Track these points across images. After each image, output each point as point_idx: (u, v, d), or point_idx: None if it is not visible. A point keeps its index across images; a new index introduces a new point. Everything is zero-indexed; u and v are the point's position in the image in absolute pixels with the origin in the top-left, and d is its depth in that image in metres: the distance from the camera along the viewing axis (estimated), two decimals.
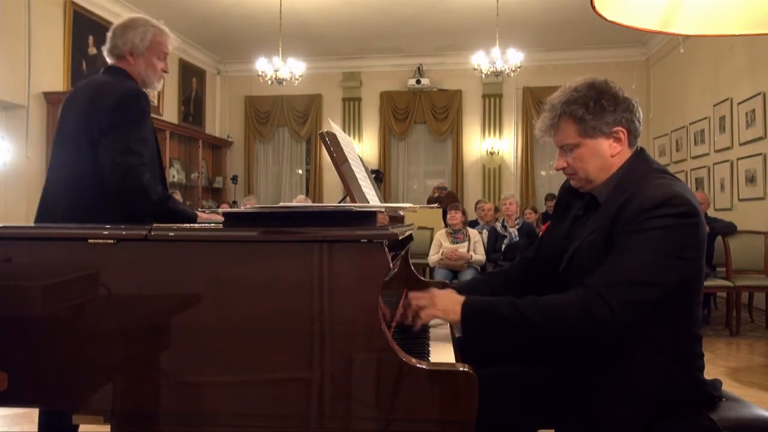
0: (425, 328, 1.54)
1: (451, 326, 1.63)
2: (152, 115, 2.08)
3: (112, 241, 1.22)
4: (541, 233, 5.46)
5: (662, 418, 1.29)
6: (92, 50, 6.84)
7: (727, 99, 6.50)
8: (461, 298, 1.34)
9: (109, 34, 2.08)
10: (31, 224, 1.83)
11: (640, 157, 1.40)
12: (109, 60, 2.09)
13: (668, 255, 1.22)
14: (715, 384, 1.39)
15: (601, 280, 1.22)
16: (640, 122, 1.39)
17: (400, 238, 1.33)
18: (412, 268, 2.16)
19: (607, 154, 1.37)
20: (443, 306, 1.34)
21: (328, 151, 1.45)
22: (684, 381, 1.32)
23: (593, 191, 1.42)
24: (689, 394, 1.32)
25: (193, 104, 9.33)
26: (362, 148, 9.51)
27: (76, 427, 1.39)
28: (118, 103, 1.89)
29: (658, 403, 1.29)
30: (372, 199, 1.63)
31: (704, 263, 1.34)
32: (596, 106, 1.34)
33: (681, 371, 1.32)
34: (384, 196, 7.08)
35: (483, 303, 1.33)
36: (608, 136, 1.36)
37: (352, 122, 9.70)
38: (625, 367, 1.30)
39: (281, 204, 1.23)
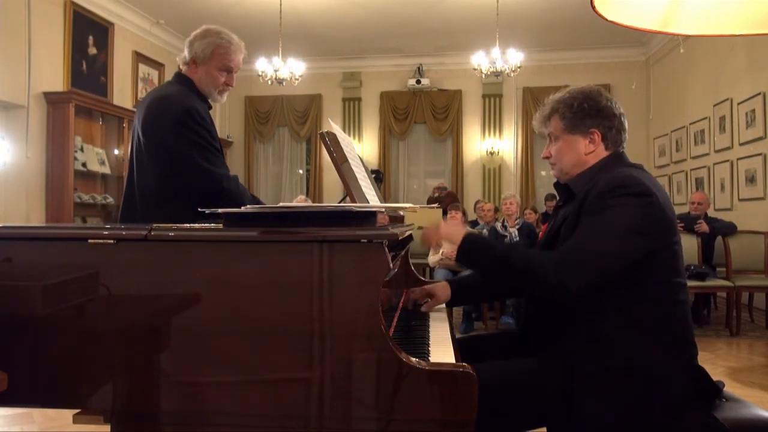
0: (426, 324, 1.54)
1: (450, 326, 1.63)
2: None
3: (112, 241, 1.21)
4: (541, 233, 5.47)
5: (655, 404, 1.31)
6: (92, 50, 6.84)
7: (727, 99, 6.50)
8: (464, 231, 1.54)
9: (185, 45, 2.15)
10: (31, 224, 1.83)
11: (615, 158, 1.55)
12: (180, 68, 2.15)
13: (622, 229, 1.35)
14: (718, 385, 1.40)
15: (558, 252, 1.40)
16: (619, 132, 1.56)
17: (400, 238, 1.33)
18: (412, 268, 2.16)
19: (581, 151, 1.55)
20: (447, 231, 1.58)
21: (328, 151, 1.45)
22: (672, 365, 1.35)
23: (569, 183, 1.60)
24: (681, 379, 1.35)
25: None
26: (362, 148, 9.51)
27: None
28: (176, 126, 1.95)
29: (648, 385, 1.33)
30: (372, 199, 1.63)
31: (678, 247, 1.44)
32: (579, 107, 1.54)
33: (666, 354, 1.35)
34: (384, 196, 7.07)
35: (483, 238, 1.57)
36: (585, 135, 1.54)
37: (352, 122, 9.70)
38: (606, 347, 1.37)
39: (281, 204, 1.23)
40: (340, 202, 2.05)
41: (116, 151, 6.98)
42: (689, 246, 5.08)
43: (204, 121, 1.99)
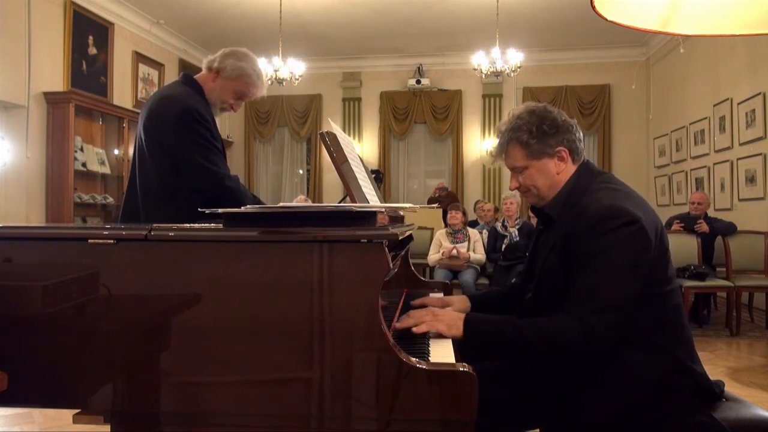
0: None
1: None
2: None
3: (112, 241, 1.21)
4: None
5: (660, 410, 1.31)
6: (92, 50, 6.84)
7: (727, 99, 6.50)
8: (462, 315, 1.43)
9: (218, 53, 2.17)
10: (31, 224, 1.83)
11: (583, 170, 1.53)
12: (203, 68, 2.16)
13: (630, 267, 1.33)
14: (718, 384, 1.40)
15: (578, 307, 1.32)
16: (581, 141, 1.53)
17: (400, 238, 1.33)
18: (412, 268, 2.16)
19: (553, 172, 1.51)
20: (446, 321, 1.41)
21: (328, 151, 1.45)
22: (669, 368, 1.35)
23: (545, 208, 1.55)
24: (683, 381, 1.35)
25: None
26: (362, 148, 9.51)
27: None
28: (178, 126, 1.95)
29: (647, 391, 1.33)
30: (372, 199, 1.63)
31: (668, 254, 1.44)
32: (538, 131, 1.48)
33: (663, 358, 1.36)
34: (384, 196, 7.07)
35: (486, 322, 1.42)
36: (552, 156, 1.50)
37: (352, 122, 9.70)
38: (605, 356, 1.35)
39: (281, 204, 1.23)
40: (340, 202, 2.05)
41: (116, 151, 6.98)
42: (689, 246, 5.08)
43: (206, 120, 2.00)
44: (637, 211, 1.36)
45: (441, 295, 2.02)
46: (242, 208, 1.22)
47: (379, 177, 8.78)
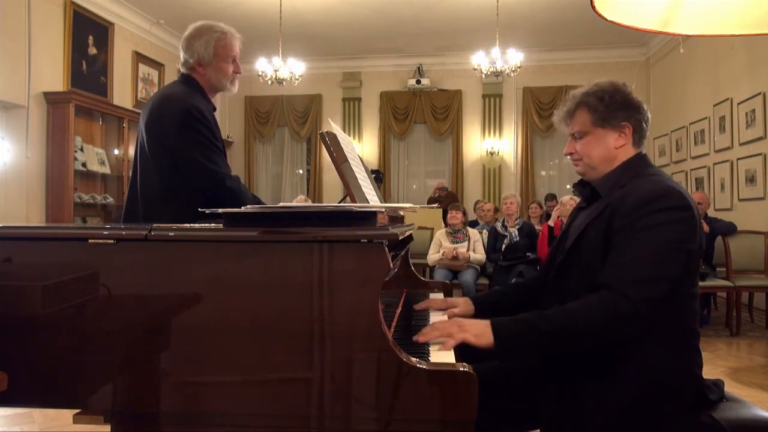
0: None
1: None
2: None
3: (112, 241, 1.21)
4: (541, 234, 5.46)
5: (660, 412, 1.30)
6: (92, 50, 6.84)
7: (727, 99, 6.50)
8: (487, 321, 1.32)
9: (180, 49, 2.14)
10: (31, 224, 1.83)
11: (640, 158, 1.50)
12: (182, 70, 2.14)
13: (673, 249, 1.30)
14: (718, 384, 1.40)
15: (621, 279, 1.28)
16: (647, 125, 1.50)
17: (400, 238, 1.33)
18: (412, 268, 2.16)
19: (611, 145, 1.48)
20: (474, 331, 1.30)
21: (328, 151, 1.45)
22: (674, 368, 1.34)
23: (594, 183, 1.52)
24: (686, 387, 1.34)
25: None
26: (362, 148, 9.51)
27: None
28: (179, 126, 1.94)
29: (650, 393, 1.31)
30: (372, 199, 1.63)
31: (698, 256, 1.40)
32: (610, 99, 1.46)
33: (673, 361, 1.34)
34: (384, 196, 7.08)
35: (514, 322, 1.32)
36: (615, 129, 1.47)
37: (352, 122, 9.70)
38: (611, 353, 1.33)
39: (281, 204, 1.23)
40: (340, 202, 2.05)
41: (116, 151, 6.98)
42: None
43: (207, 120, 2.00)
44: (692, 202, 1.35)
45: (441, 295, 2.02)
46: (242, 208, 1.22)
47: (379, 177, 8.82)
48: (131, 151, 5.67)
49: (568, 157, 1.56)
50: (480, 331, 1.30)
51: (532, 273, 5.00)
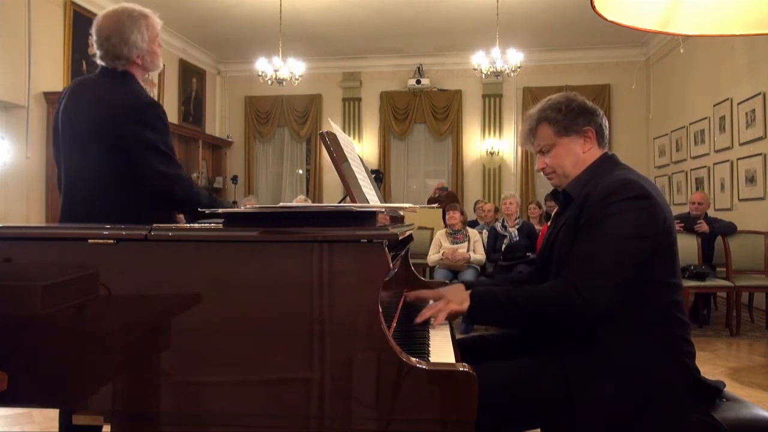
0: (426, 324, 1.55)
1: (450, 326, 1.63)
2: None
3: (112, 241, 1.21)
4: (541, 234, 5.47)
5: (654, 404, 1.31)
6: (92, 50, 6.84)
7: (727, 99, 6.50)
8: (465, 287, 1.53)
9: (102, 41, 1.93)
10: (31, 224, 1.83)
11: (608, 158, 1.57)
12: (118, 68, 1.96)
13: (629, 237, 1.34)
14: (719, 384, 1.40)
15: (572, 271, 1.36)
16: (606, 128, 1.58)
17: (400, 238, 1.33)
18: (412, 268, 2.16)
19: (579, 150, 1.55)
20: (457, 299, 1.49)
21: (328, 151, 1.45)
22: (668, 364, 1.35)
23: (567, 189, 1.58)
24: (679, 377, 1.35)
25: (193, 104, 9.33)
26: (362, 148, 9.51)
27: (100, 428, 1.35)
28: (140, 115, 1.84)
29: (645, 385, 1.33)
30: (372, 199, 1.63)
31: (675, 248, 1.44)
32: (567, 108, 1.55)
33: (663, 354, 1.36)
34: (384, 196, 7.08)
35: (486, 292, 1.50)
36: (579, 134, 1.54)
37: (352, 122, 9.70)
38: (604, 349, 1.36)
39: (281, 204, 1.23)
40: (340, 202, 2.05)
41: None
42: (689, 246, 5.08)
43: (162, 119, 1.91)
44: (653, 192, 1.40)
45: None
46: (242, 208, 1.22)
47: (379, 177, 8.82)
48: None
49: (541, 172, 1.62)
50: (461, 298, 1.49)
51: None
